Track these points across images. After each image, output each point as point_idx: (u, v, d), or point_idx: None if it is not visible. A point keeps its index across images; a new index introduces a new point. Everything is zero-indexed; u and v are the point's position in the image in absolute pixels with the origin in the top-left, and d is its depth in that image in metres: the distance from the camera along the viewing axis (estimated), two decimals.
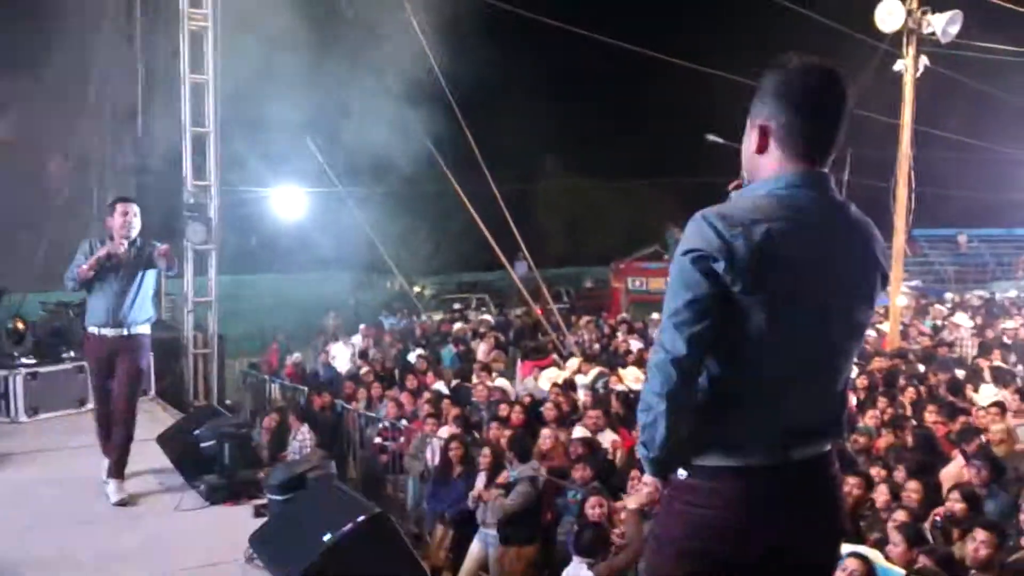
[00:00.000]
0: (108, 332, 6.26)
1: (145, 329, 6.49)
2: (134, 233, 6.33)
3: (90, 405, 10.02)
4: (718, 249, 2.17)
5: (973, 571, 5.36)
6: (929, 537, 5.96)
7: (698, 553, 2.35)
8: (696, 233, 2.22)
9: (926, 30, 12.68)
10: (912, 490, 6.38)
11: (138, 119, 11.76)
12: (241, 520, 5.87)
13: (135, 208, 6.43)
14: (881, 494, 6.47)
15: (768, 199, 2.28)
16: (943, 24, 12.41)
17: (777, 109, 2.34)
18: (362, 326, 18.96)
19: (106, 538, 5.65)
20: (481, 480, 7.80)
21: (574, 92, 40.85)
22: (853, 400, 9.17)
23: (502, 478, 7.55)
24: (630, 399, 9.82)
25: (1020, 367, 11.60)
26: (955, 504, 6.01)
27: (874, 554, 5.19)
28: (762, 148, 2.38)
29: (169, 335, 11.44)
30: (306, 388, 12.36)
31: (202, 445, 6.66)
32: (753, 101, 2.42)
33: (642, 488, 6.53)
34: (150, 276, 6.45)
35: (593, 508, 6.45)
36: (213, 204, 10.55)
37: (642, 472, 7.09)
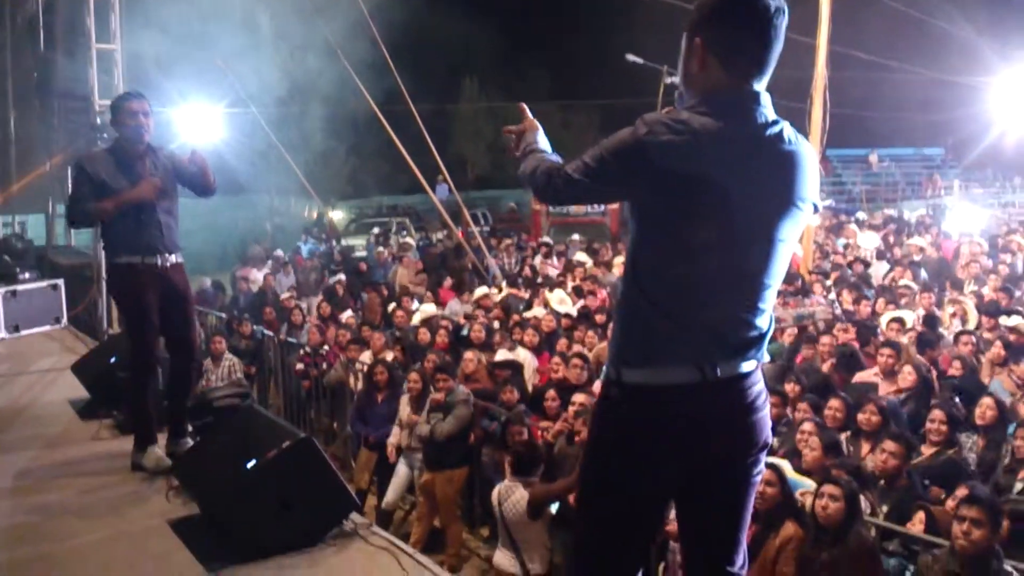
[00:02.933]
0: (152, 261, 5.25)
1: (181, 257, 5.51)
2: (147, 138, 5.32)
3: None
4: (650, 150, 2.24)
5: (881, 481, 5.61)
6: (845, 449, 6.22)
7: (628, 466, 2.44)
8: (632, 131, 2.29)
9: None
10: (835, 407, 6.57)
11: (39, 33, 11.17)
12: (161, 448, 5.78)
13: (148, 106, 5.33)
14: (800, 411, 6.67)
15: (703, 116, 2.31)
16: None
17: (719, 28, 2.38)
18: (278, 252, 18.71)
19: (24, 468, 5.52)
20: (406, 403, 7.83)
21: (493, 12, 40.28)
22: None
23: (428, 402, 7.57)
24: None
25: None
26: (871, 417, 6.23)
27: (785, 464, 5.37)
28: (702, 65, 2.41)
29: (81, 260, 11.13)
30: (223, 314, 12.21)
31: (118, 375, 6.49)
32: (694, 15, 2.43)
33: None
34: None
35: (514, 436, 6.51)
36: None
37: (559, 394, 7.24)
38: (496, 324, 10.08)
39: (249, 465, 4.32)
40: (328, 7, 15.34)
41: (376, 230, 23.29)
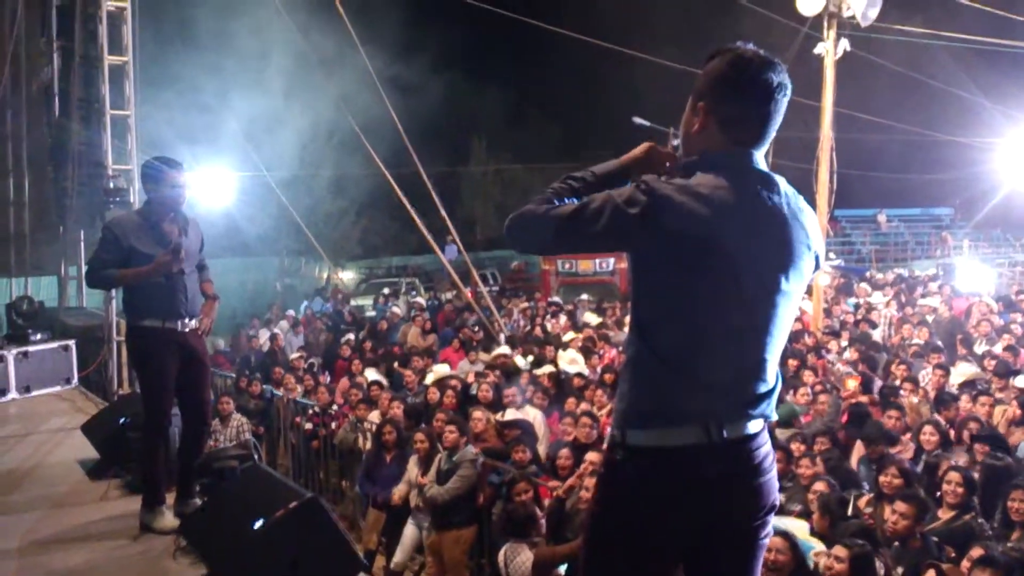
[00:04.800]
0: (173, 325, 5.29)
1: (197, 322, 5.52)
2: (183, 207, 5.38)
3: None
4: (649, 212, 2.25)
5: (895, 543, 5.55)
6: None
7: (633, 529, 2.42)
8: (633, 194, 2.30)
9: (846, 13, 12.91)
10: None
11: (55, 100, 11.39)
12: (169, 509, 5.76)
13: (185, 176, 5.41)
14: (804, 467, 6.62)
15: (704, 175, 2.36)
16: (863, 7, 12.65)
17: (723, 96, 2.44)
18: (289, 312, 18.81)
19: (32, 528, 5.51)
20: (414, 464, 7.80)
21: (501, 75, 40.87)
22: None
23: (435, 461, 7.54)
24: (561, 380, 9.95)
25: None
26: (893, 480, 6.18)
27: (799, 526, 5.32)
28: (703, 128, 2.48)
29: (92, 322, 11.20)
30: (234, 375, 12.22)
31: (128, 435, 6.50)
32: (701, 81, 2.50)
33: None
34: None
35: (520, 493, 6.47)
36: (134, 188, 10.31)
37: (573, 453, 7.19)
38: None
39: (257, 525, 4.31)
40: (338, 70, 15.60)
41: (386, 290, 23.37)
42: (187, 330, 5.37)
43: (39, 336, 10.28)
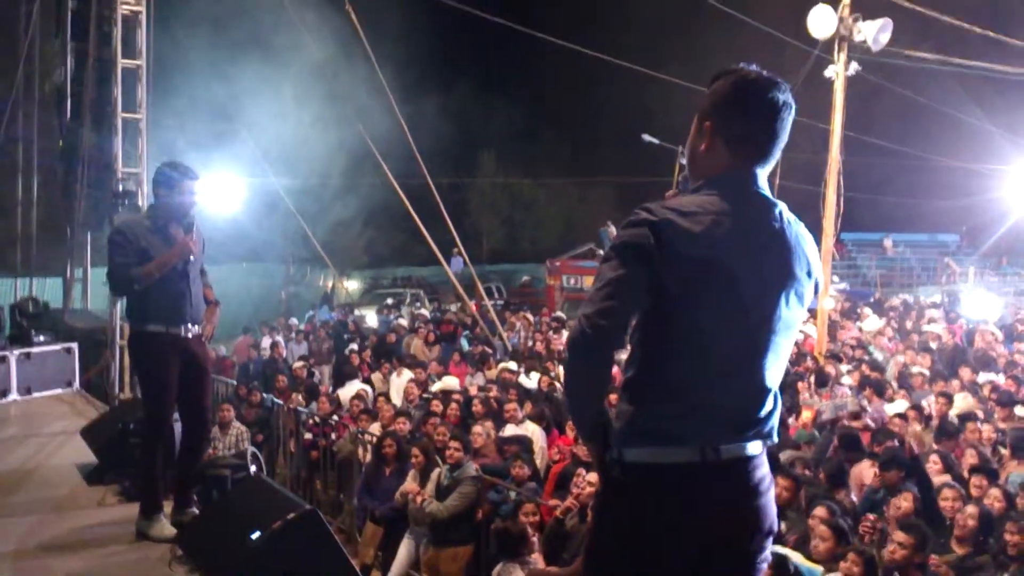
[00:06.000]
0: (176, 331, 5.27)
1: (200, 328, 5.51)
2: (193, 213, 5.41)
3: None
4: (653, 240, 2.28)
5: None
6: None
7: (630, 547, 2.42)
8: (636, 221, 2.33)
9: (857, 38, 12.91)
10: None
11: (67, 101, 11.45)
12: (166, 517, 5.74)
13: (197, 185, 5.41)
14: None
15: (708, 197, 2.40)
16: (874, 32, 12.64)
17: (730, 114, 2.47)
18: (292, 320, 18.82)
19: (28, 532, 5.49)
20: (412, 478, 7.77)
21: (511, 89, 41.02)
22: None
23: (434, 476, 7.51)
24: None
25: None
26: (903, 503, 6.15)
27: (793, 554, 5.28)
28: (709, 147, 2.50)
29: (96, 324, 11.21)
30: (234, 382, 12.22)
31: (128, 441, 6.48)
32: (706, 101, 2.53)
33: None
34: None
35: (527, 516, 6.43)
36: (143, 192, 10.34)
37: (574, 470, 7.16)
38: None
39: (254, 536, 4.29)
40: (350, 81, 15.66)
41: (389, 301, 23.37)
42: (190, 336, 5.35)
43: (42, 338, 10.30)
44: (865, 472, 7.38)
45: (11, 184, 14.88)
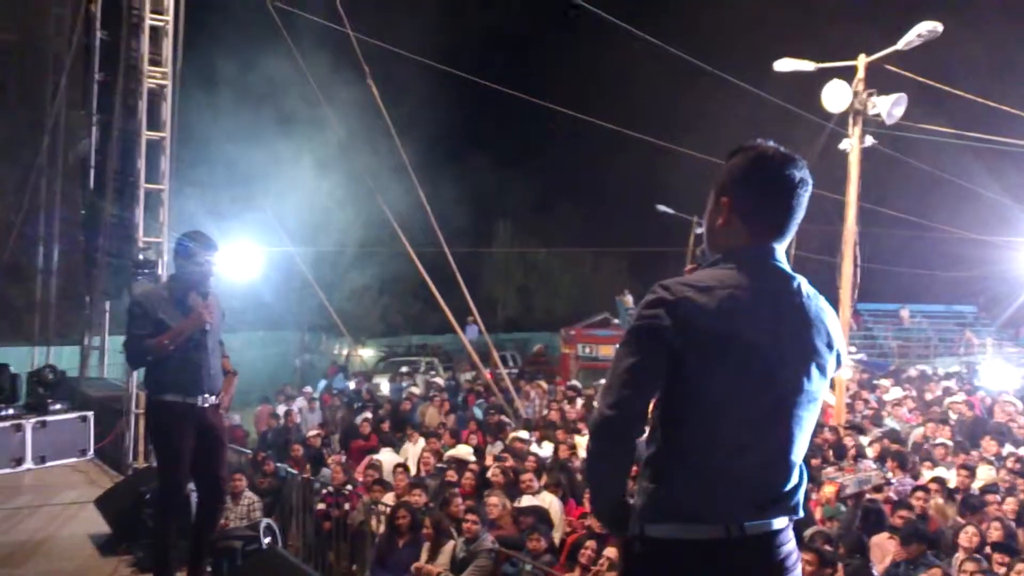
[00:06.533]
0: (193, 401, 5.28)
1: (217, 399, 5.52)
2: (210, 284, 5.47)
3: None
4: (670, 320, 2.28)
5: None
6: None
7: None
8: (653, 301, 2.33)
9: (871, 111, 13.04)
10: None
11: (91, 171, 11.63)
12: None
13: (216, 256, 5.50)
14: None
15: (726, 271, 2.40)
16: (888, 106, 12.76)
17: (747, 191, 2.48)
18: (306, 388, 18.79)
19: None
20: (424, 552, 7.69)
21: (527, 160, 41.43)
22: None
23: (448, 548, 7.43)
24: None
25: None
26: None
27: None
28: (726, 222, 2.50)
29: (112, 393, 11.22)
30: (249, 451, 12.16)
31: (143, 511, 6.45)
32: (723, 177, 2.54)
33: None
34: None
35: None
36: (163, 261, 10.43)
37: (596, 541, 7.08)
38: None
39: None
40: (367, 151, 15.88)
41: (404, 369, 23.34)
42: (207, 406, 5.36)
43: (58, 406, 10.30)
44: (884, 544, 7.27)
45: (32, 252, 15.06)
